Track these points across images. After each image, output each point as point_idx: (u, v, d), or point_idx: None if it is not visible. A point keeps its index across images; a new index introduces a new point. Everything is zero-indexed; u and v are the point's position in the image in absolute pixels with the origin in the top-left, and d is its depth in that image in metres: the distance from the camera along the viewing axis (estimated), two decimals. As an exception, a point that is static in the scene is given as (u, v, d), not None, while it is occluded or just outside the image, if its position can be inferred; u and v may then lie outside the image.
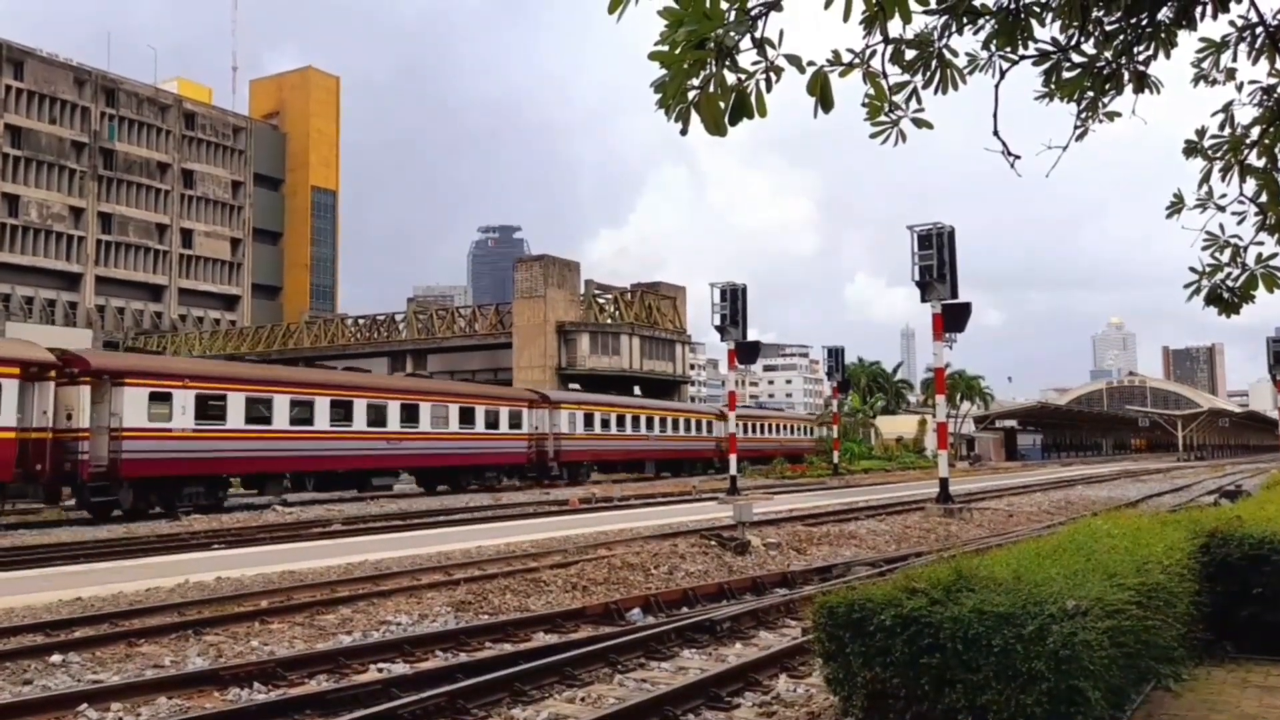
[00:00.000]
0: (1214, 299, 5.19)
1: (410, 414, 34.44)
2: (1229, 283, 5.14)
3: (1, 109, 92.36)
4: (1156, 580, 5.65)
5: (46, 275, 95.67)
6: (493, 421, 38.54)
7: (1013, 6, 4.46)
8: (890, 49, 4.01)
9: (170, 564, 15.37)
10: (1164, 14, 4.53)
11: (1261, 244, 5.14)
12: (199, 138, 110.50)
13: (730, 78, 3.31)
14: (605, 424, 46.38)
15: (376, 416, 32.89)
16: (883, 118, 4.11)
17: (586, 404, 45.85)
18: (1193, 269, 5.22)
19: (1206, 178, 5.19)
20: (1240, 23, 4.76)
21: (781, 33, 3.31)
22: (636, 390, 59.82)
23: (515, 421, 40.05)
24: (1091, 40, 4.65)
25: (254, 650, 9.35)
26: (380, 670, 8.60)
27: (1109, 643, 4.71)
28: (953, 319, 26.83)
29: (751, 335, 36.23)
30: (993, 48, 4.56)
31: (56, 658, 8.91)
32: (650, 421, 50.35)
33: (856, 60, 3.88)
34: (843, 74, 3.78)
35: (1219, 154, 5.14)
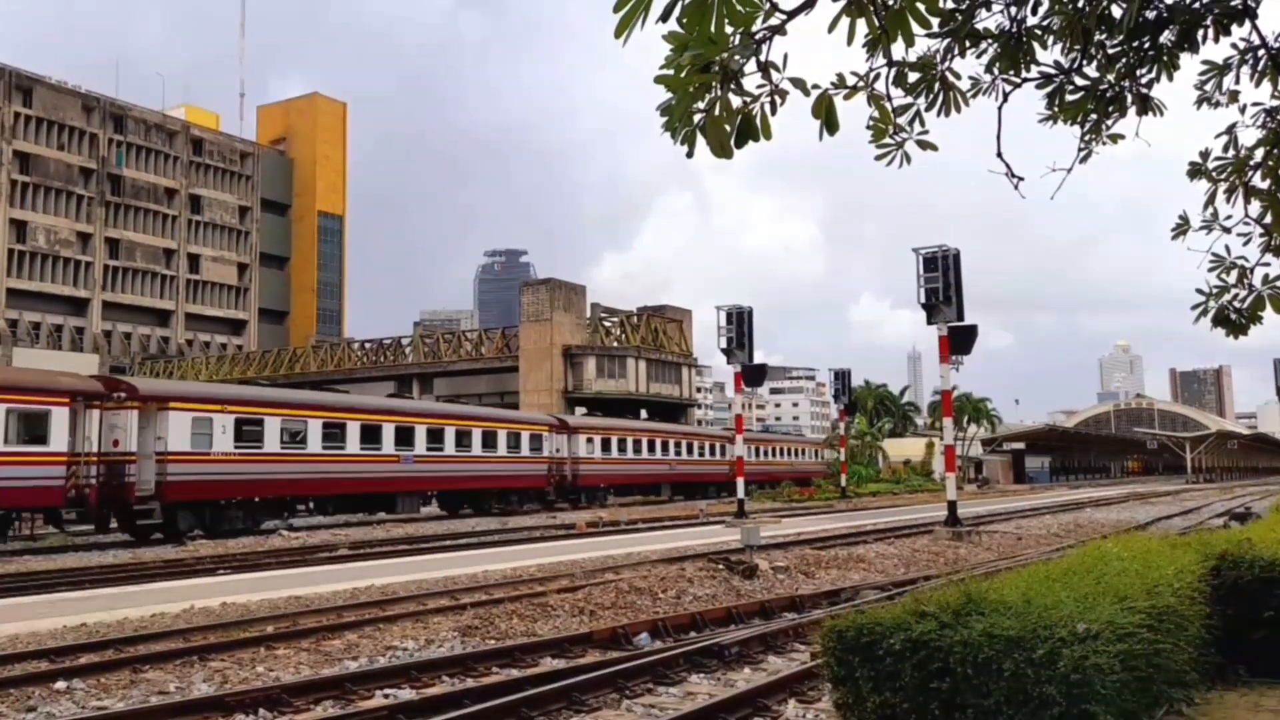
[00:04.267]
0: (1221, 320, 5.18)
1: (436, 438, 35.21)
2: (1236, 304, 5.14)
3: (10, 136, 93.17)
4: (1167, 603, 5.60)
5: (54, 300, 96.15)
6: (514, 445, 39.29)
7: (1015, 30, 4.48)
8: (894, 72, 4.04)
9: (176, 589, 15.32)
10: (1166, 37, 4.55)
11: (1268, 265, 5.15)
12: (206, 163, 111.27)
13: (735, 101, 3.33)
14: (622, 448, 47.26)
15: (403, 439, 33.69)
16: (887, 140, 4.13)
17: (603, 429, 46.90)
18: (1200, 291, 5.22)
19: (1211, 199, 5.19)
20: (1242, 45, 4.78)
21: (786, 56, 3.34)
22: (643, 414, 59.75)
23: (536, 445, 40.76)
24: (1094, 63, 4.68)
25: (259, 676, 9.31)
26: (386, 696, 8.55)
27: (1120, 666, 4.67)
28: (959, 341, 26.79)
29: (757, 358, 36.26)
30: (995, 71, 4.59)
31: (61, 684, 8.87)
32: (665, 445, 51.18)
33: (860, 83, 3.90)
34: (847, 97, 3.80)
35: (1223, 176, 5.15)
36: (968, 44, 4.39)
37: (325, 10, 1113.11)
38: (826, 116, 3.56)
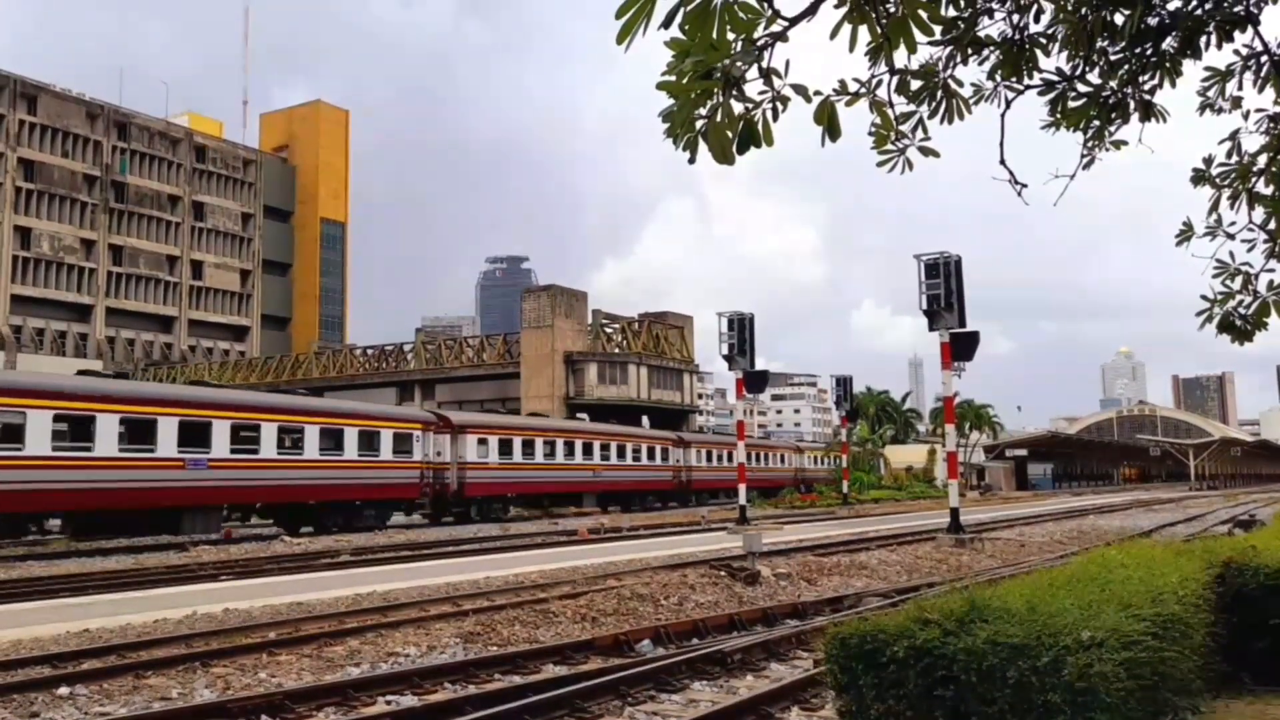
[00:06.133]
0: (1226, 327, 5.17)
1: (245, 435, 28.24)
2: (1241, 310, 5.13)
3: (15, 143, 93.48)
4: (1172, 611, 5.58)
5: (58, 307, 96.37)
6: (369, 446, 31.89)
7: (1017, 37, 4.49)
8: (896, 79, 4.04)
9: (178, 595, 15.31)
10: (1169, 43, 4.56)
11: (1272, 271, 5.14)
12: (209, 171, 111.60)
13: (737, 107, 3.33)
14: (528, 451, 40.01)
15: (192, 437, 26.61)
16: (889, 146, 4.13)
17: (501, 428, 39.90)
18: (1204, 297, 5.21)
19: (1215, 205, 5.19)
20: (1245, 51, 4.78)
21: (788, 63, 3.34)
22: (645, 420, 59.77)
23: (403, 447, 33.31)
24: (1096, 70, 4.68)
25: (262, 682, 9.30)
26: (389, 703, 8.54)
27: (1125, 674, 4.65)
28: (961, 348, 26.77)
29: (759, 364, 36.24)
30: (998, 78, 4.59)
31: (64, 690, 8.86)
32: (589, 448, 44.29)
33: (862, 90, 3.91)
34: (849, 104, 3.80)
35: (1227, 182, 5.15)
36: (970, 51, 4.40)
37: (328, 18, 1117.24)
38: (829, 123, 3.56)
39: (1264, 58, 4.73)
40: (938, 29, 3.89)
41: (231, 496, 28.49)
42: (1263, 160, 5.06)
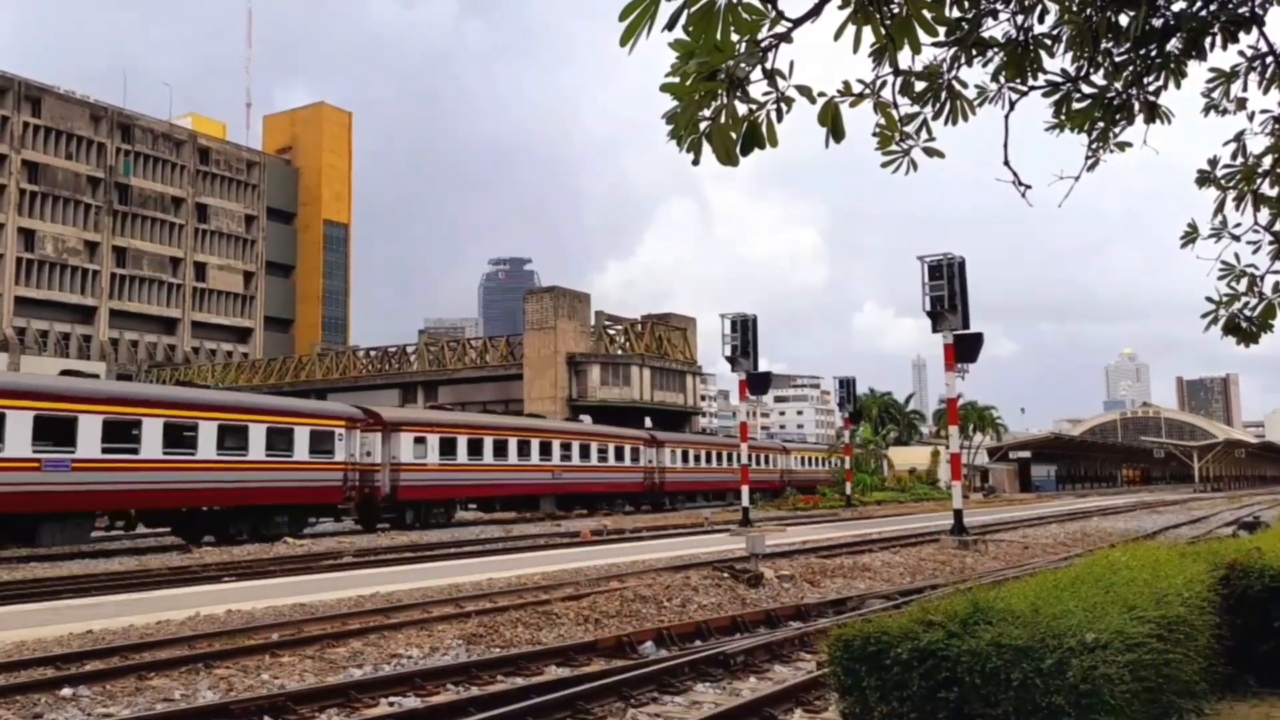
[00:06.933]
0: (1232, 329, 5.16)
1: (122, 433, 24.79)
2: (1247, 312, 5.12)
3: (19, 145, 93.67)
4: (1176, 613, 5.57)
5: (62, 309, 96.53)
6: (281, 445, 28.57)
7: (1021, 38, 4.48)
8: (900, 80, 4.03)
9: (181, 597, 15.32)
10: (1173, 44, 4.55)
11: (1278, 273, 5.13)
12: (213, 172, 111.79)
13: (741, 108, 3.33)
14: (474, 451, 36.38)
15: (53, 434, 23.31)
16: (894, 147, 4.12)
17: (441, 426, 36.18)
18: (1209, 299, 5.20)
19: (1220, 207, 5.18)
20: (1250, 53, 4.77)
21: (792, 64, 3.34)
22: (648, 421, 59.74)
23: (323, 446, 29.80)
24: (1101, 71, 4.67)
25: (264, 684, 9.30)
26: (391, 704, 8.53)
27: (1130, 676, 4.64)
28: (964, 349, 26.72)
29: (762, 366, 36.15)
30: (1002, 79, 4.58)
31: (67, 691, 8.87)
32: (546, 448, 40.57)
33: (867, 91, 3.90)
34: (853, 105, 3.80)
35: (1232, 183, 5.14)
36: (974, 52, 4.39)
37: (331, 20, 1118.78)
38: (833, 124, 3.56)
39: (1269, 59, 4.72)
40: (942, 30, 3.89)
41: (102, 502, 25.04)
42: (1268, 162, 5.05)
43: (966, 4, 4.22)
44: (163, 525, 28.44)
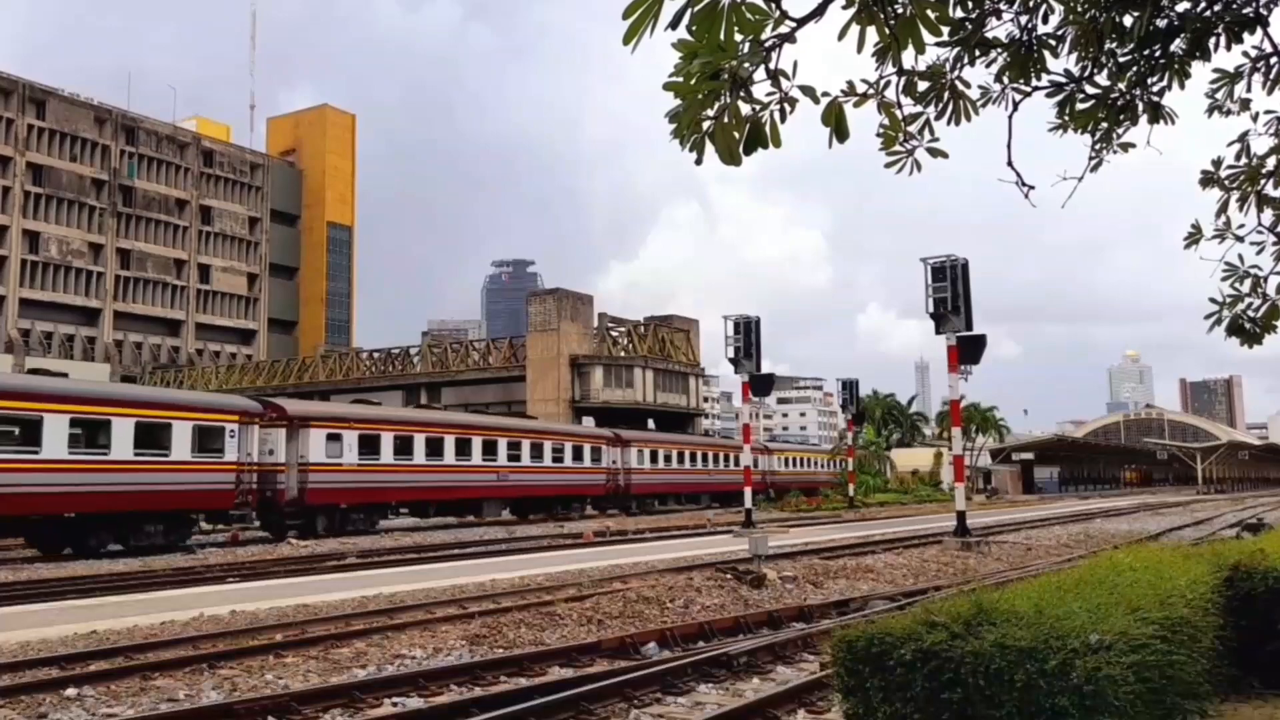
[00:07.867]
0: (1235, 330, 5.16)
1: None
2: (1250, 313, 5.12)
3: (24, 147, 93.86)
4: (1180, 614, 5.56)
5: (66, 310, 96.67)
6: (157, 443, 24.87)
7: (1025, 38, 4.48)
8: (903, 80, 4.03)
9: (185, 597, 15.35)
10: (1177, 45, 4.55)
11: (1282, 273, 5.12)
12: (217, 175, 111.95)
13: (745, 108, 3.33)
14: (402, 449, 33.13)
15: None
16: (898, 147, 4.12)
17: (362, 421, 32.40)
18: (1213, 300, 5.20)
19: (1224, 208, 5.17)
20: (1253, 53, 4.76)
21: (795, 64, 3.34)
22: (650, 424, 59.72)
23: (211, 444, 26.11)
24: (1105, 71, 4.67)
25: (268, 684, 9.31)
26: (394, 705, 8.54)
27: (1134, 678, 4.62)
28: (968, 351, 26.72)
29: (765, 368, 36.11)
30: (1005, 79, 4.58)
31: (71, 691, 8.88)
32: (491, 447, 37.31)
33: (870, 91, 3.90)
34: (857, 105, 3.80)
35: (1236, 184, 5.13)
36: (978, 53, 4.39)
37: (335, 23, 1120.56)
38: (836, 124, 3.56)
39: (1273, 59, 4.72)
40: (946, 30, 3.89)
41: None
42: (1272, 162, 5.05)
43: (970, 4, 4.22)
44: (11, 535, 24.76)
